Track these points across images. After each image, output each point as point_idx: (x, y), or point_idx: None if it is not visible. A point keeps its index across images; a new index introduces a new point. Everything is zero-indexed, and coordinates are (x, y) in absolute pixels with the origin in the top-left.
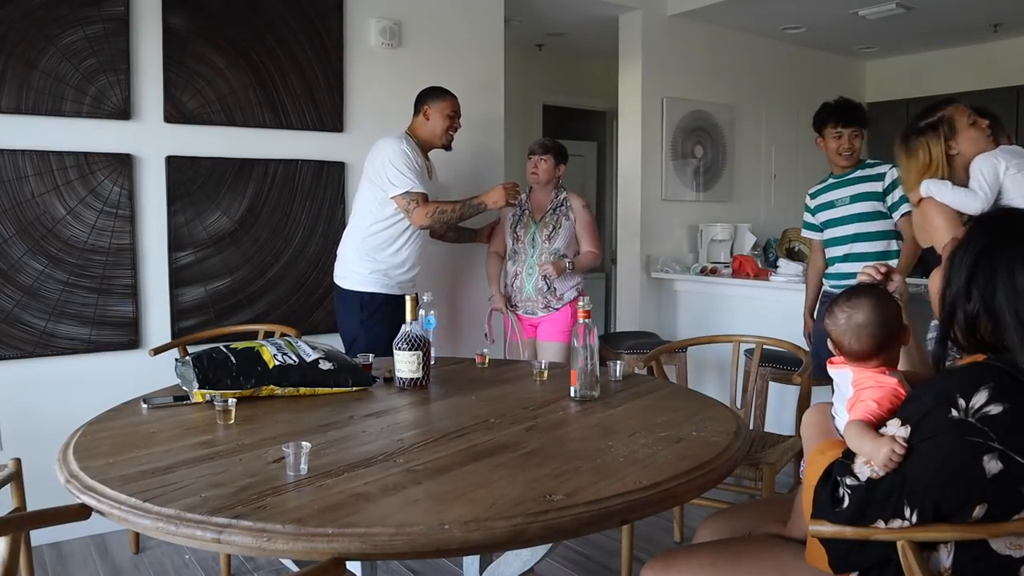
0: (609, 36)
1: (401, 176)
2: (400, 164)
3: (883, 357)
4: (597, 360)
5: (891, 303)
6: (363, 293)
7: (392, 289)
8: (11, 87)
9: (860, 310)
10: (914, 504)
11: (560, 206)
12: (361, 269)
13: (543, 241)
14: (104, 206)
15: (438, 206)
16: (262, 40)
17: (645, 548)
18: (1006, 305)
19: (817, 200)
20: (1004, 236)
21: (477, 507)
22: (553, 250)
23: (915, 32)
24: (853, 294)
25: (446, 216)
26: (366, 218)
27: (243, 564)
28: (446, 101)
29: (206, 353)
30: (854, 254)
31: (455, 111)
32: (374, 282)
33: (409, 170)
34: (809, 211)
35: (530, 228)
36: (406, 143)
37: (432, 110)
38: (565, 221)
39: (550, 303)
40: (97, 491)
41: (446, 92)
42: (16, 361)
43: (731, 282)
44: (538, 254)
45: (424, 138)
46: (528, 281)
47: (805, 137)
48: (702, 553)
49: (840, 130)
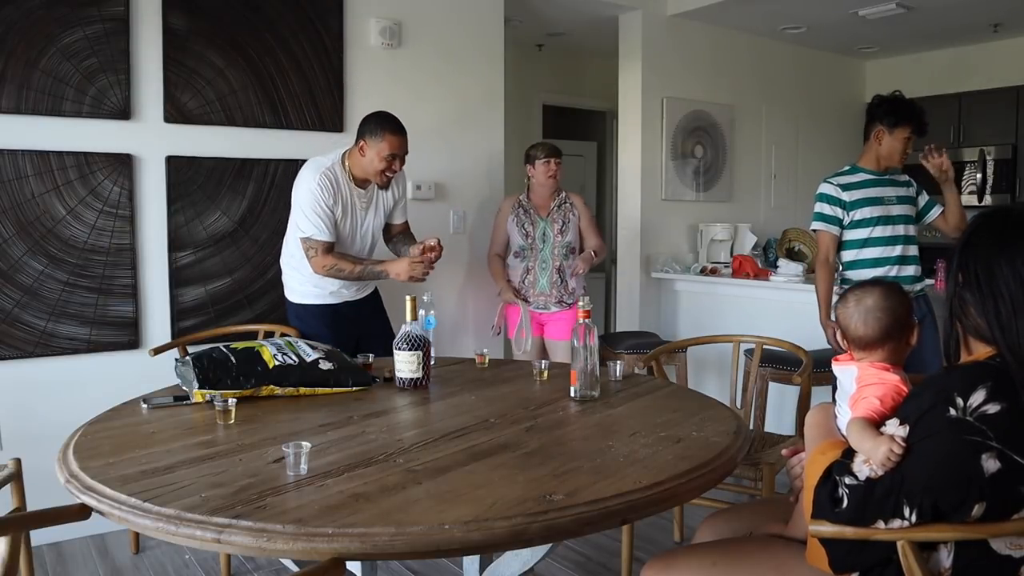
0: (609, 36)
1: (306, 220)
2: (307, 207)
3: (888, 348)
4: (597, 360)
5: (903, 296)
6: (297, 304)
7: (325, 299)
8: (11, 87)
9: (871, 295)
10: (913, 503)
11: (563, 203)
12: (293, 283)
13: (555, 235)
14: (104, 206)
15: (337, 263)
16: (262, 40)
17: (645, 548)
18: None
19: (855, 194)
20: (1004, 230)
21: (477, 507)
22: (565, 243)
23: (915, 32)
24: (868, 283)
25: (343, 274)
26: (293, 232)
27: (243, 564)
28: (385, 141)
29: (206, 353)
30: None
31: (394, 154)
32: (306, 294)
33: (316, 215)
34: (838, 203)
35: (539, 224)
36: (325, 178)
37: (368, 147)
38: (572, 217)
39: (563, 298)
40: (97, 491)
41: (387, 128)
42: (16, 361)
43: (731, 282)
44: (550, 248)
45: (359, 170)
46: (542, 275)
47: (805, 137)
48: (702, 553)
49: (911, 136)
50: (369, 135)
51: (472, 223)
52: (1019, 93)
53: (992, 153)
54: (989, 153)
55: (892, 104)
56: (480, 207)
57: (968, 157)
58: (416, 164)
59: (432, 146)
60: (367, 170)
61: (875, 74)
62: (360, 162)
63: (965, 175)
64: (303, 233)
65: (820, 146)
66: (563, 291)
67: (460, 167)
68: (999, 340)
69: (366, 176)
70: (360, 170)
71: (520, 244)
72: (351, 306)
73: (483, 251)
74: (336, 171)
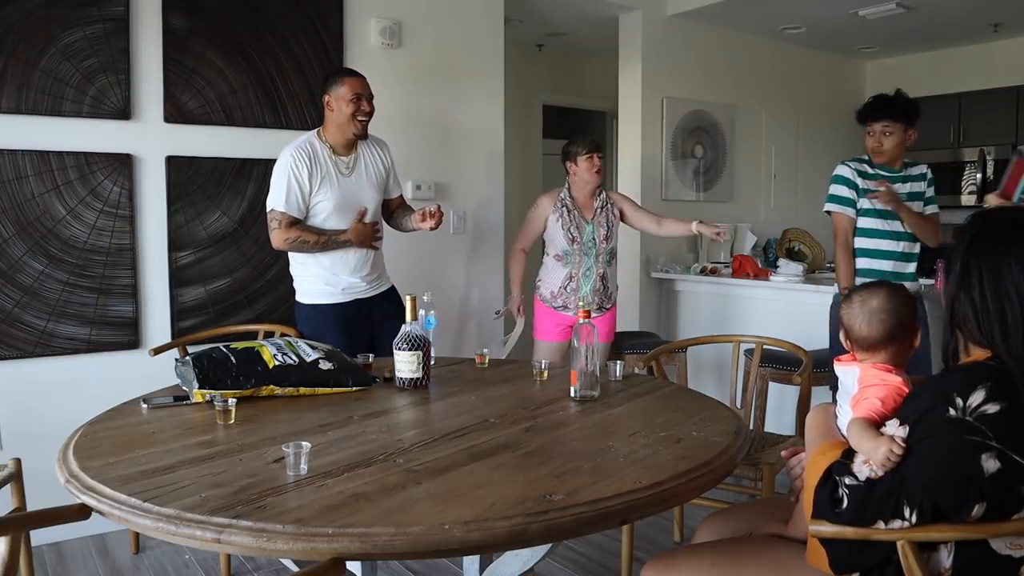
0: (609, 36)
1: (272, 191)
2: (277, 177)
3: (891, 350)
4: (597, 360)
5: (908, 298)
6: (306, 305)
7: (337, 297)
8: (11, 87)
9: (876, 296)
10: (913, 503)
11: (606, 204)
12: (302, 281)
13: (600, 241)
14: (104, 206)
15: (300, 235)
16: (262, 40)
17: (645, 548)
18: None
19: (868, 183)
20: (999, 229)
21: (477, 507)
22: (610, 249)
23: (915, 32)
24: (872, 284)
25: (307, 248)
26: None
27: (243, 564)
28: (344, 86)
29: (206, 353)
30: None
31: (358, 93)
32: (316, 292)
33: (283, 186)
34: (851, 186)
35: (585, 229)
36: (300, 149)
37: (332, 98)
38: (614, 219)
39: (603, 303)
40: (97, 491)
41: (342, 73)
42: (16, 361)
43: (731, 282)
44: (595, 254)
45: (335, 131)
46: (585, 283)
47: (805, 137)
48: (702, 553)
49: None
50: (330, 89)
51: (472, 223)
52: (1019, 93)
53: (992, 153)
54: (989, 153)
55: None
56: (480, 207)
57: (968, 157)
58: (416, 164)
59: (432, 146)
60: (341, 123)
61: (875, 74)
62: (333, 120)
63: (965, 175)
64: (268, 206)
65: (820, 146)
66: (604, 297)
67: (460, 167)
68: (999, 345)
69: (342, 132)
70: (336, 130)
71: (565, 248)
72: (364, 305)
73: (483, 251)
74: (313, 142)
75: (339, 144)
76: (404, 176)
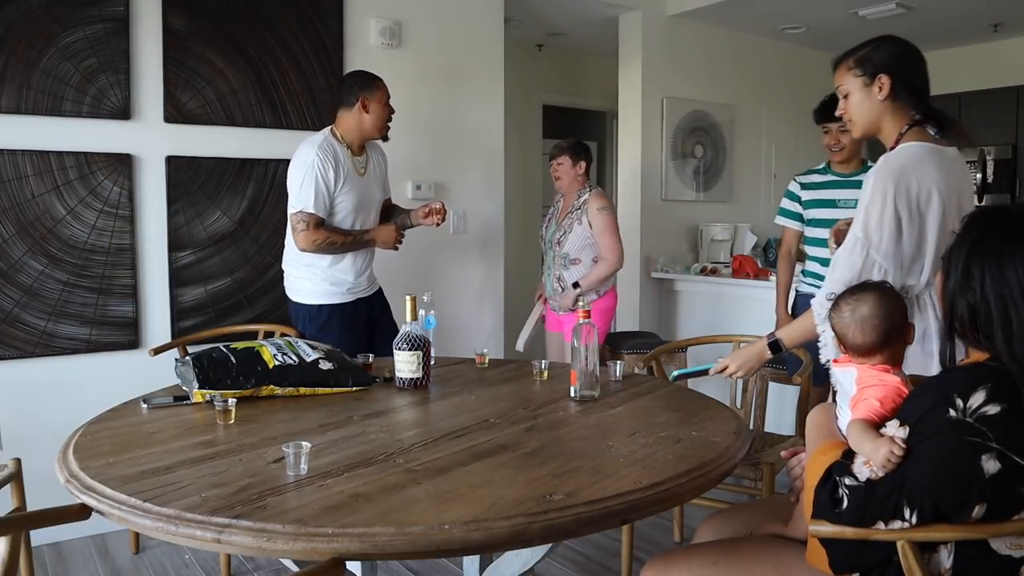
0: (609, 36)
1: (300, 192)
2: (302, 178)
3: (887, 353)
4: (597, 360)
5: (896, 299)
6: (310, 306)
7: (342, 297)
8: (11, 87)
9: (865, 303)
10: (913, 504)
11: (578, 208)
12: (304, 282)
13: (555, 244)
14: (104, 206)
15: (329, 236)
16: (262, 40)
17: (645, 548)
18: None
19: (813, 194)
20: (998, 229)
21: (477, 507)
22: (563, 254)
23: (915, 32)
24: (858, 289)
25: (335, 248)
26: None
27: (243, 564)
28: (380, 90)
29: (206, 353)
30: None
31: (389, 97)
32: (321, 293)
33: (311, 187)
34: (795, 199)
35: (551, 228)
36: (323, 149)
37: (371, 101)
38: (577, 225)
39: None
40: (97, 491)
41: (376, 79)
42: (16, 361)
43: (731, 282)
44: (552, 255)
45: (360, 132)
46: (548, 279)
47: (805, 137)
48: (702, 553)
49: (830, 128)
50: (366, 91)
51: (472, 223)
52: (1019, 93)
53: (992, 153)
54: (989, 153)
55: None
56: (480, 207)
57: (968, 157)
58: (416, 164)
59: (432, 146)
60: (371, 127)
61: None
62: (362, 122)
63: None
64: (294, 208)
65: (820, 146)
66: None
67: (460, 167)
68: (1001, 349)
69: (372, 132)
70: (359, 132)
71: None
72: (364, 304)
73: (483, 251)
74: (332, 141)
75: (355, 144)
76: (404, 176)
